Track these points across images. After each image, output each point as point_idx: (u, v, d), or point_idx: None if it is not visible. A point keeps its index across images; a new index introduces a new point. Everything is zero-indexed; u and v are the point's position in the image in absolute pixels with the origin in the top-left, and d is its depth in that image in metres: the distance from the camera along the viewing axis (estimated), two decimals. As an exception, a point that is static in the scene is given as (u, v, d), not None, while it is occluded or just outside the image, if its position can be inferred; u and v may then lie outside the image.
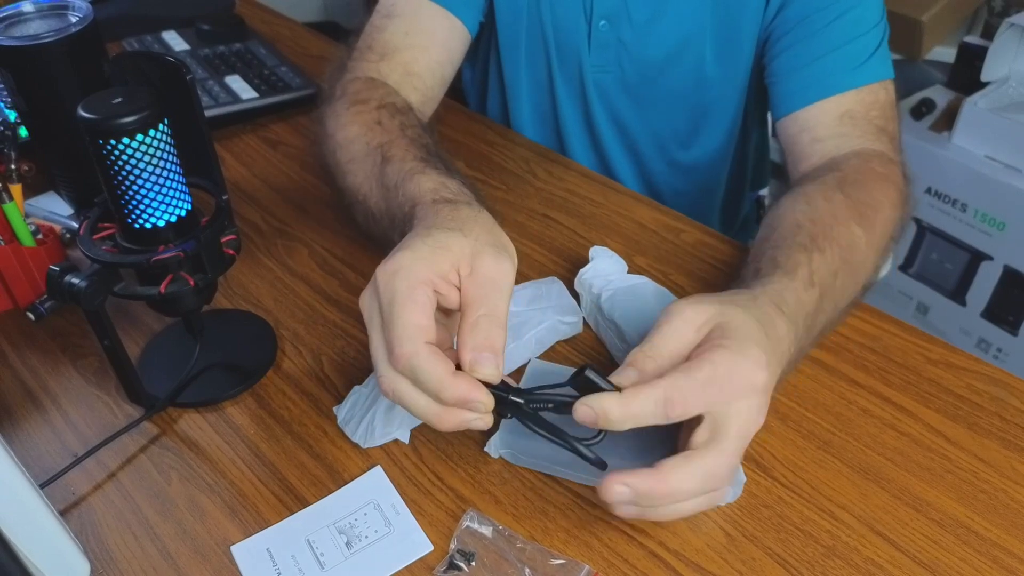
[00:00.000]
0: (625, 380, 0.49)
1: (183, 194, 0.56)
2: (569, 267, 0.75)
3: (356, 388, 0.62)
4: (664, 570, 0.52)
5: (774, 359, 0.51)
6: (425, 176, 0.61)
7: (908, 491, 0.56)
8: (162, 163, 0.53)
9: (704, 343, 0.50)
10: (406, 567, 0.52)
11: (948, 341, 0.67)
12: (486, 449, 0.58)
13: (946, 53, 1.90)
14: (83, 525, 0.56)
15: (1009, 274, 1.62)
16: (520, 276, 0.61)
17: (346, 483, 0.57)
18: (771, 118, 0.87)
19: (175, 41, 1.15)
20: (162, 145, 0.53)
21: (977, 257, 1.66)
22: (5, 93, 0.79)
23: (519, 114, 1.01)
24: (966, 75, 1.70)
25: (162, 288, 0.57)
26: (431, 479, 0.57)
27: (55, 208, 0.83)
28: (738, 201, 1.08)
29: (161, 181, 0.54)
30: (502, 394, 0.49)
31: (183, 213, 0.56)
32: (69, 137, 0.75)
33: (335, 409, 0.62)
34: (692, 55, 0.89)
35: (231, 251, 0.61)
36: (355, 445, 0.60)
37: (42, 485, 0.57)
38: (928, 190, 1.68)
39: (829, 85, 0.77)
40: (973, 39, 1.77)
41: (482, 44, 1.00)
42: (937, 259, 1.73)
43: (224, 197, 0.61)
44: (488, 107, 1.06)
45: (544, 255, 0.77)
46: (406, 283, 0.49)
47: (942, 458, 0.58)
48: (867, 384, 0.64)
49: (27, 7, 0.73)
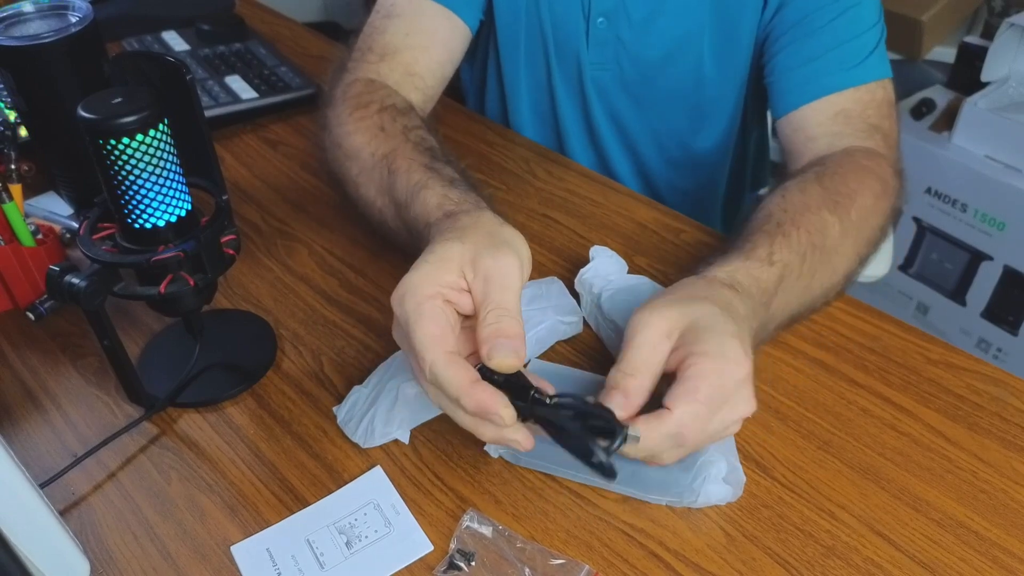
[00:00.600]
0: (616, 406, 0.50)
1: (183, 194, 0.56)
2: (569, 267, 0.75)
3: (356, 388, 0.62)
4: (664, 570, 0.52)
5: (747, 340, 0.53)
6: (430, 191, 0.62)
7: (908, 491, 0.56)
8: (162, 163, 0.53)
9: (681, 348, 0.51)
10: (406, 567, 0.52)
11: (948, 341, 0.67)
12: (486, 449, 0.58)
13: (946, 53, 1.90)
14: (83, 525, 0.56)
15: (1009, 274, 1.62)
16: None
17: (346, 483, 0.57)
18: (770, 118, 0.87)
19: (175, 41, 1.15)
20: (162, 145, 0.53)
21: (977, 257, 1.66)
22: (5, 93, 0.79)
23: (518, 112, 1.01)
24: (966, 75, 1.70)
25: (162, 288, 0.57)
26: (431, 479, 0.57)
27: (55, 208, 0.83)
28: (739, 200, 1.09)
29: (161, 181, 0.54)
30: (520, 403, 0.50)
31: (183, 213, 0.56)
32: (69, 137, 0.75)
33: (335, 409, 0.62)
34: (690, 54, 0.89)
35: (231, 251, 0.61)
36: (355, 445, 0.60)
37: (42, 485, 0.57)
38: (928, 190, 1.68)
39: (825, 84, 0.77)
40: (973, 39, 1.77)
41: (481, 42, 1.00)
42: (937, 259, 1.73)
43: (224, 197, 0.61)
44: (487, 106, 1.06)
45: (544, 255, 0.77)
46: (413, 301, 0.51)
47: (942, 458, 0.58)
48: (867, 384, 0.64)
49: (27, 7, 0.73)
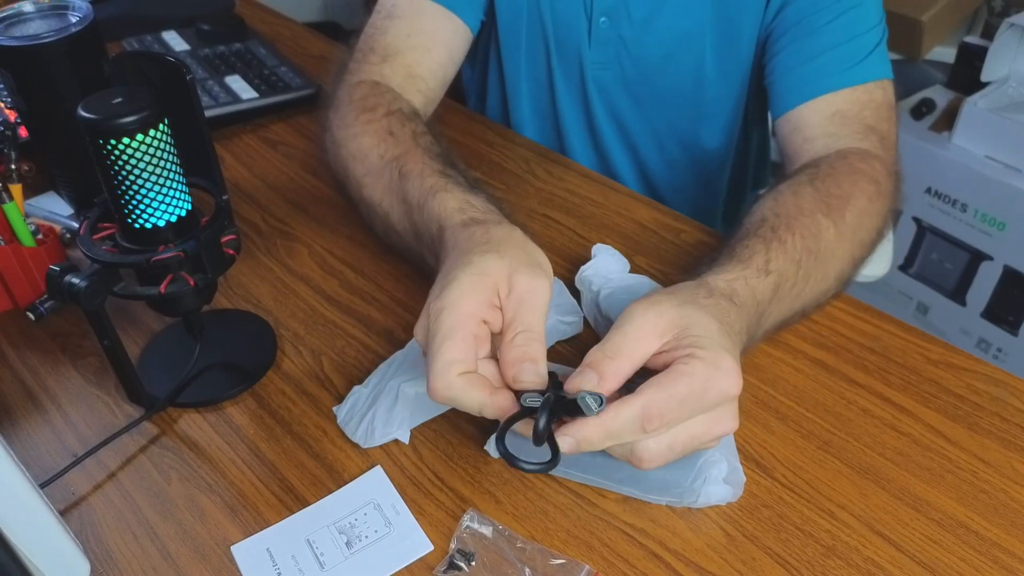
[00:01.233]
0: (586, 383, 0.49)
1: (183, 194, 0.56)
2: (569, 267, 0.75)
3: (356, 388, 0.62)
4: (664, 570, 0.52)
5: (737, 356, 0.52)
6: (449, 194, 0.62)
7: (908, 491, 0.56)
8: (162, 163, 0.53)
9: (673, 349, 0.50)
10: (406, 567, 0.52)
11: (948, 341, 0.67)
12: (486, 449, 0.58)
13: (946, 53, 1.90)
14: (83, 525, 0.56)
15: (1009, 274, 1.62)
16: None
17: (346, 483, 0.57)
18: (770, 118, 0.87)
19: (175, 41, 1.15)
20: (162, 145, 0.53)
21: (977, 257, 1.66)
22: (5, 93, 0.79)
23: (519, 112, 1.01)
24: (966, 75, 1.70)
25: (162, 288, 0.57)
26: (431, 479, 0.57)
27: (55, 208, 0.83)
28: (740, 201, 1.09)
29: (161, 181, 0.54)
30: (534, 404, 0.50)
31: (183, 213, 0.56)
32: (69, 137, 0.75)
33: (335, 409, 0.62)
34: (691, 53, 0.89)
35: (231, 251, 0.61)
36: (355, 445, 0.60)
37: (42, 485, 0.57)
38: (928, 190, 1.68)
39: (823, 84, 0.77)
40: (973, 39, 1.77)
41: (482, 42, 1.00)
42: (937, 259, 1.73)
43: (224, 197, 0.61)
44: (488, 105, 1.06)
45: (545, 255, 0.77)
46: (451, 320, 0.50)
47: (942, 458, 0.58)
48: (867, 384, 0.64)
49: (27, 7, 0.73)
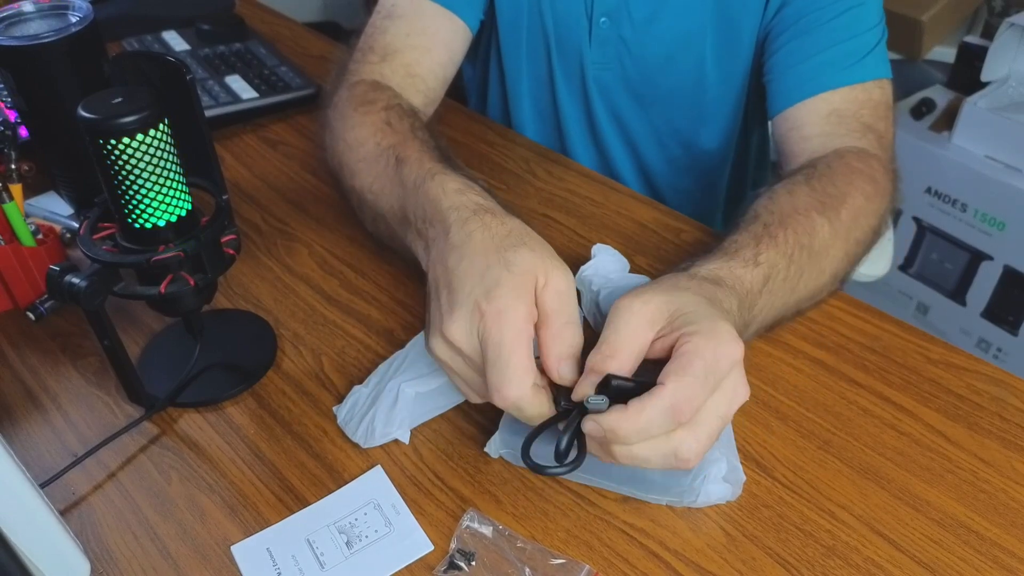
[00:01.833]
0: (589, 387, 0.49)
1: (183, 194, 0.56)
2: (569, 267, 0.75)
3: (356, 388, 0.62)
4: (664, 570, 0.52)
5: (731, 324, 0.51)
6: (447, 177, 0.61)
7: (908, 491, 0.56)
8: (162, 163, 0.53)
9: (667, 335, 0.50)
10: (406, 567, 0.52)
11: (948, 341, 0.67)
12: (486, 449, 0.58)
13: (946, 53, 1.90)
14: (83, 525, 0.56)
15: (1009, 274, 1.62)
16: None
17: (346, 483, 0.57)
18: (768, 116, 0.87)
19: (175, 41, 1.15)
20: (162, 145, 0.53)
21: (977, 257, 1.66)
22: (5, 93, 0.79)
23: (520, 112, 1.01)
24: (966, 75, 1.70)
25: (162, 288, 0.57)
26: (431, 479, 0.57)
27: (55, 208, 0.83)
28: (740, 200, 1.08)
29: (161, 181, 0.54)
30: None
31: (183, 213, 0.56)
32: (69, 137, 0.75)
33: (335, 409, 0.62)
34: (692, 54, 0.89)
35: (231, 251, 0.61)
36: (355, 445, 0.60)
37: (42, 485, 0.57)
38: (928, 190, 1.68)
39: (821, 82, 0.77)
40: (973, 39, 1.77)
41: (482, 42, 1.00)
42: (937, 259, 1.73)
43: (224, 197, 0.61)
44: (489, 105, 1.06)
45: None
46: (515, 326, 0.50)
47: (942, 458, 0.58)
48: (867, 384, 0.64)
49: (27, 7, 0.73)
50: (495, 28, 0.95)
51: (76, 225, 0.77)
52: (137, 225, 0.55)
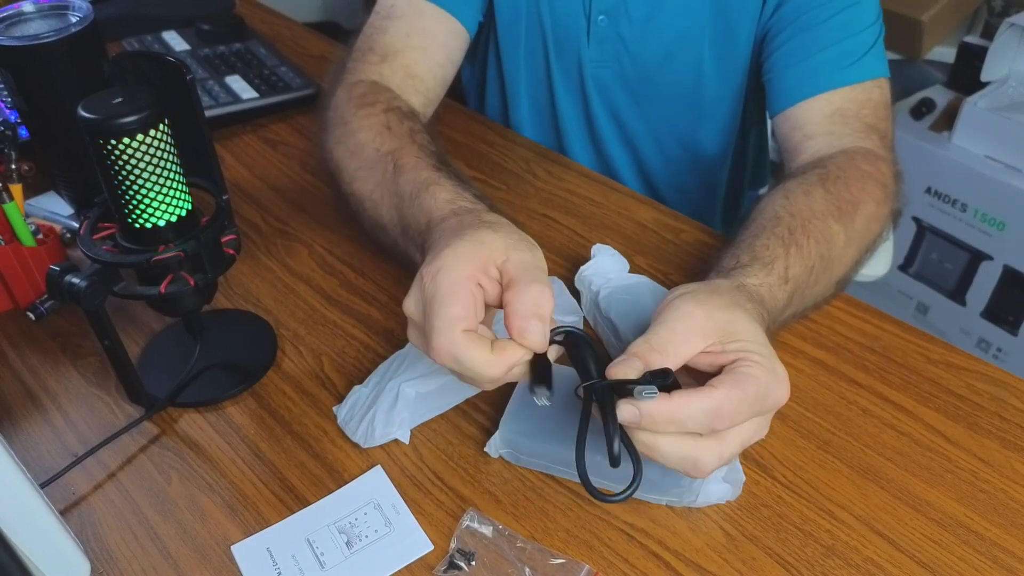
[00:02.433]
0: (631, 372, 0.49)
1: (183, 194, 0.56)
2: (569, 267, 0.75)
3: (356, 388, 0.62)
4: (664, 570, 0.52)
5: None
6: (440, 187, 0.62)
7: (908, 491, 0.56)
8: (162, 163, 0.53)
9: (720, 352, 0.50)
10: (406, 567, 0.52)
11: (948, 341, 0.67)
12: (486, 449, 0.58)
13: (946, 53, 1.90)
14: (83, 525, 0.56)
15: (1009, 274, 1.62)
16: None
17: (346, 483, 0.57)
18: (768, 115, 0.87)
19: (175, 41, 1.15)
20: (162, 145, 0.53)
21: (977, 257, 1.66)
22: (5, 93, 0.79)
23: (517, 111, 1.01)
24: (966, 75, 1.70)
25: (162, 288, 0.57)
26: (431, 479, 0.57)
27: (55, 208, 0.83)
28: (738, 199, 1.09)
29: (161, 181, 0.54)
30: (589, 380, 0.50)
31: (183, 213, 0.56)
32: (69, 137, 0.75)
33: (335, 409, 0.62)
34: (690, 52, 0.89)
35: (231, 251, 0.61)
36: (355, 445, 0.60)
37: (42, 485, 0.57)
38: (928, 190, 1.68)
39: (821, 82, 0.77)
40: (973, 39, 1.77)
41: (481, 42, 1.00)
42: (937, 259, 1.73)
43: (224, 197, 0.61)
44: (487, 105, 1.06)
45: (544, 255, 0.77)
46: (449, 279, 0.50)
47: (942, 458, 0.58)
48: (867, 384, 0.64)
49: (27, 7, 0.73)
50: (493, 28, 0.95)
51: (76, 225, 0.77)
52: (137, 225, 0.55)
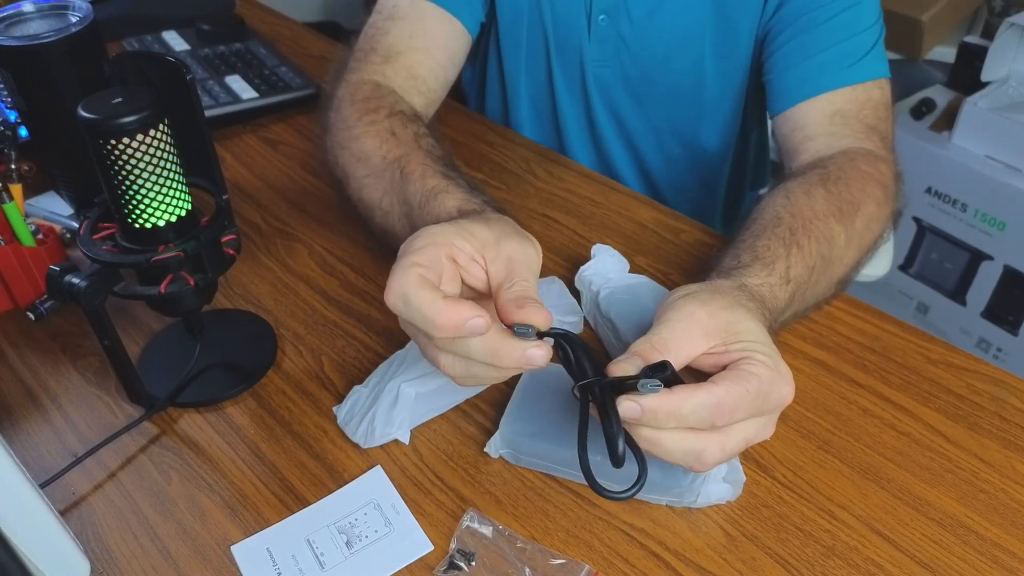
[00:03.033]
0: (632, 369, 0.48)
1: (183, 194, 0.56)
2: (569, 267, 0.75)
3: (356, 388, 0.62)
4: (664, 570, 0.52)
5: None
6: (449, 195, 0.62)
7: (908, 491, 0.56)
8: (162, 163, 0.53)
9: (724, 352, 0.50)
10: (406, 567, 0.52)
11: (948, 341, 0.67)
12: (486, 449, 0.58)
13: (946, 53, 1.90)
14: (83, 525, 0.56)
15: (1009, 274, 1.62)
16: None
17: (346, 483, 0.57)
18: (768, 115, 0.87)
19: (175, 41, 1.15)
20: (162, 145, 0.53)
21: (977, 257, 1.66)
22: (5, 93, 0.79)
23: (518, 111, 1.01)
24: (966, 75, 1.70)
25: (162, 288, 0.57)
26: (431, 479, 0.57)
27: (55, 208, 0.83)
28: (739, 199, 1.09)
29: (161, 181, 0.54)
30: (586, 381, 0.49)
31: (183, 213, 0.56)
32: (69, 137, 0.75)
33: (335, 409, 0.62)
34: (691, 52, 0.89)
35: (231, 251, 0.61)
36: (355, 445, 0.60)
37: (42, 485, 0.57)
38: (928, 190, 1.68)
39: (822, 82, 0.77)
40: (973, 39, 1.77)
41: (482, 43, 1.00)
42: (937, 259, 1.73)
43: (224, 197, 0.61)
44: (487, 105, 1.06)
45: (544, 255, 0.76)
46: (421, 242, 0.50)
47: (942, 458, 0.58)
48: (867, 384, 0.64)
49: (27, 7, 0.73)
50: (495, 29, 0.95)
51: (76, 225, 0.77)
52: (137, 225, 0.55)
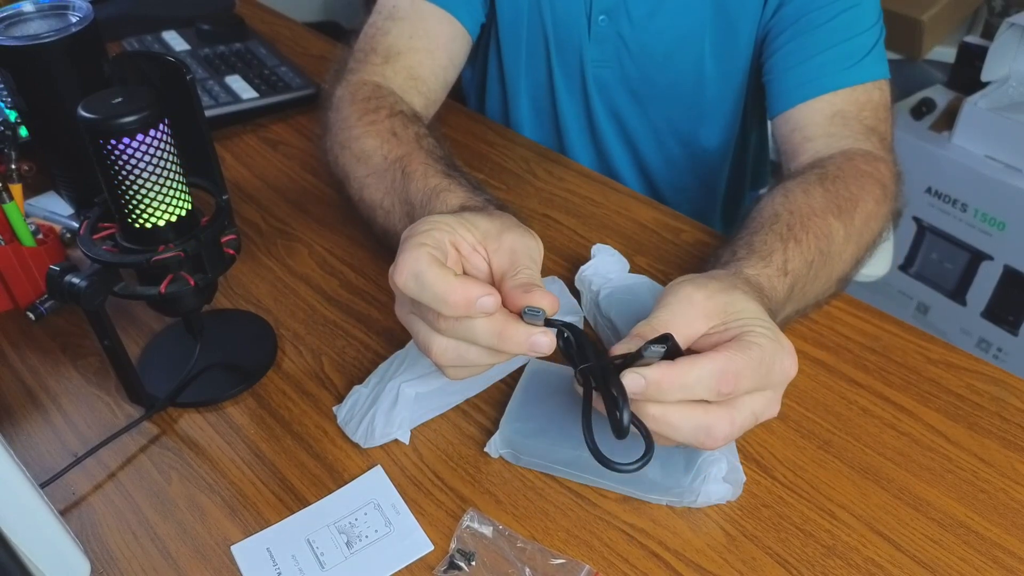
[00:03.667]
0: (634, 349, 0.48)
1: (183, 194, 0.56)
2: (569, 267, 0.75)
3: (356, 388, 0.62)
4: (664, 570, 0.52)
5: None
6: (452, 194, 0.62)
7: (908, 491, 0.56)
8: (162, 163, 0.53)
9: (723, 332, 0.49)
10: (406, 567, 0.52)
11: (948, 341, 0.67)
12: (486, 449, 0.58)
13: (946, 53, 1.90)
14: (83, 525, 0.56)
15: (1009, 274, 1.62)
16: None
17: (346, 483, 0.57)
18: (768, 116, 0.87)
19: (175, 41, 1.15)
20: (162, 145, 0.53)
21: (977, 257, 1.66)
22: (5, 93, 0.79)
23: (518, 111, 1.01)
24: (966, 75, 1.70)
25: (162, 288, 0.57)
26: (431, 479, 0.57)
27: (55, 208, 0.83)
28: (739, 199, 1.09)
29: (161, 181, 0.54)
30: (587, 364, 0.48)
31: (183, 213, 0.56)
32: (69, 137, 0.75)
33: (335, 409, 0.62)
34: (691, 52, 0.89)
35: (231, 251, 0.61)
36: (355, 445, 0.60)
37: (42, 485, 0.57)
38: (928, 190, 1.68)
39: (822, 83, 0.77)
40: (973, 39, 1.77)
41: (482, 43, 1.00)
42: (937, 259, 1.73)
43: (224, 197, 0.61)
44: (487, 105, 1.06)
45: (544, 255, 0.76)
46: (425, 226, 0.50)
47: (942, 458, 0.58)
48: (867, 384, 0.64)
49: (27, 7, 0.73)
50: (495, 29, 0.95)
51: (76, 225, 0.77)
52: (137, 225, 0.55)
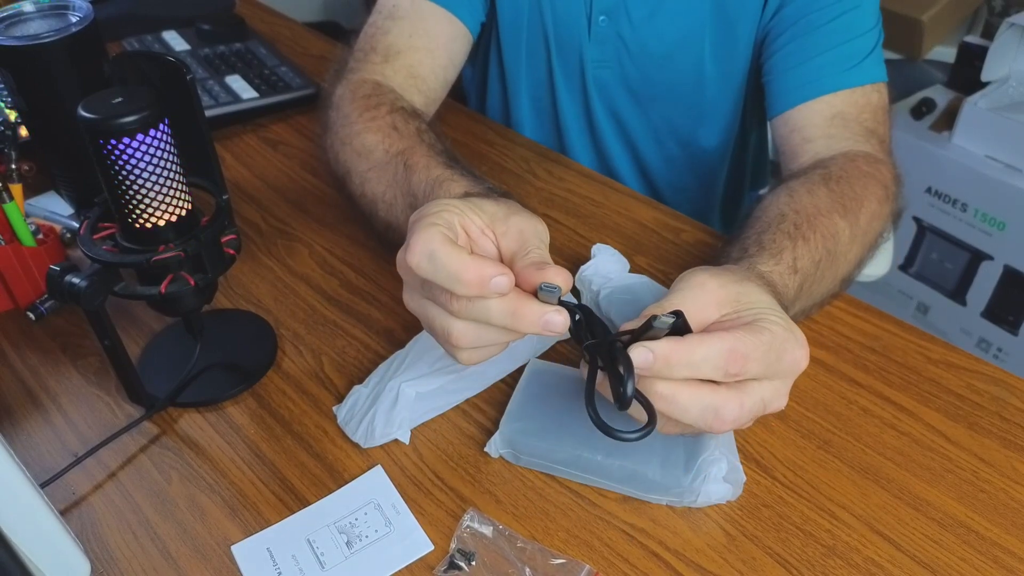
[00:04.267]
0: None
1: (183, 194, 0.56)
2: (569, 267, 0.75)
3: (356, 388, 0.62)
4: (664, 570, 0.52)
5: None
6: (454, 182, 0.62)
7: (908, 491, 0.56)
8: (162, 163, 0.53)
9: (735, 320, 0.49)
10: (406, 567, 0.52)
11: (948, 341, 0.67)
12: (486, 449, 0.58)
13: (946, 53, 1.90)
14: (83, 525, 0.56)
15: (1009, 274, 1.62)
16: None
17: (346, 483, 0.57)
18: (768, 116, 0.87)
19: (175, 41, 1.15)
20: (162, 145, 0.53)
21: (977, 257, 1.66)
22: (5, 93, 0.79)
23: (518, 111, 1.01)
24: (966, 75, 1.70)
25: (162, 288, 0.57)
26: (431, 479, 0.57)
27: (55, 208, 0.83)
28: (738, 200, 1.09)
29: (161, 181, 0.54)
30: (594, 340, 0.48)
31: (183, 213, 0.56)
32: (69, 137, 0.75)
33: (335, 409, 0.62)
34: (691, 53, 0.89)
35: (231, 251, 0.61)
36: (355, 445, 0.60)
37: (42, 485, 0.57)
38: (928, 190, 1.68)
39: (821, 85, 0.78)
40: (973, 39, 1.77)
41: (482, 43, 1.00)
42: (937, 259, 1.73)
43: (224, 197, 0.61)
44: (488, 105, 1.06)
45: (544, 255, 0.77)
46: (434, 207, 0.50)
47: (942, 458, 0.58)
48: (867, 384, 0.64)
49: (27, 7, 0.73)
50: (495, 29, 0.95)
51: (76, 225, 0.77)
52: (137, 225, 0.55)
